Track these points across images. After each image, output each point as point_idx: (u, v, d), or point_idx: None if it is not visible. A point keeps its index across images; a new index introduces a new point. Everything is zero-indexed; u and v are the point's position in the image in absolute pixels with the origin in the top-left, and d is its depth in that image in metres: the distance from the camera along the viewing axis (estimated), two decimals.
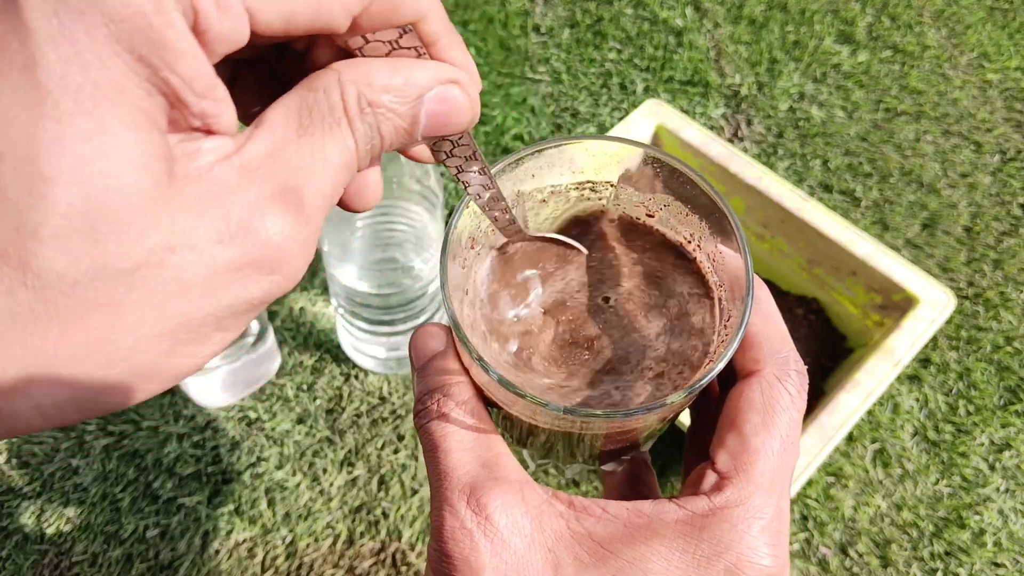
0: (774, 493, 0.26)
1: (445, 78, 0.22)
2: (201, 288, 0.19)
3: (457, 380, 0.28)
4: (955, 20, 0.99)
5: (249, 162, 0.19)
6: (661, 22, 0.95)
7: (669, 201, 0.31)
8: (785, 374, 0.28)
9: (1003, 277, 0.78)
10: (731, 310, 0.29)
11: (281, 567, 0.60)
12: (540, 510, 0.26)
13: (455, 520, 0.25)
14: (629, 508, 0.26)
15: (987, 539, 0.64)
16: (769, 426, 0.27)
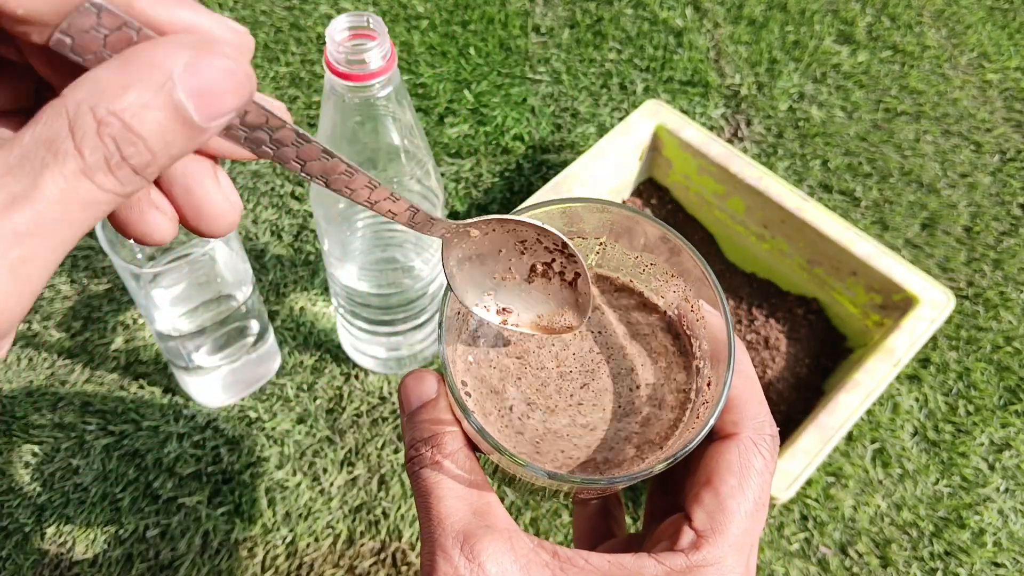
0: (744, 553, 0.28)
1: (189, 44, 0.18)
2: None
3: (449, 429, 0.29)
4: (955, 20, 0.99)
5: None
6: (661, 22, 0.95)
7: (655, 261, 0.31)
8: (761, 439, 0.29)
9: (1003, 277, 0.78)
10: (711, 374, 0.29)
11: (281, 567, 0.60)
12: (528, 559, 0.27)
13: (449, 566, 0.26)
14: (611, 561, 0.28)
15: (987, 539, 0.64)
16: (744, 489, 0.28)
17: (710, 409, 0.28)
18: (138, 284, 0.53)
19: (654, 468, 0.27)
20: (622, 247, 0.32)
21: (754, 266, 0.75)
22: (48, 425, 0.65)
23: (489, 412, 0.30)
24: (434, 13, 0.94)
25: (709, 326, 0.30)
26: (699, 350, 0.31)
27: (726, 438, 0.30)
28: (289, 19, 0.92)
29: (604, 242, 0.32)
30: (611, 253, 0.32)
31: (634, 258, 0.32)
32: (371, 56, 0.43)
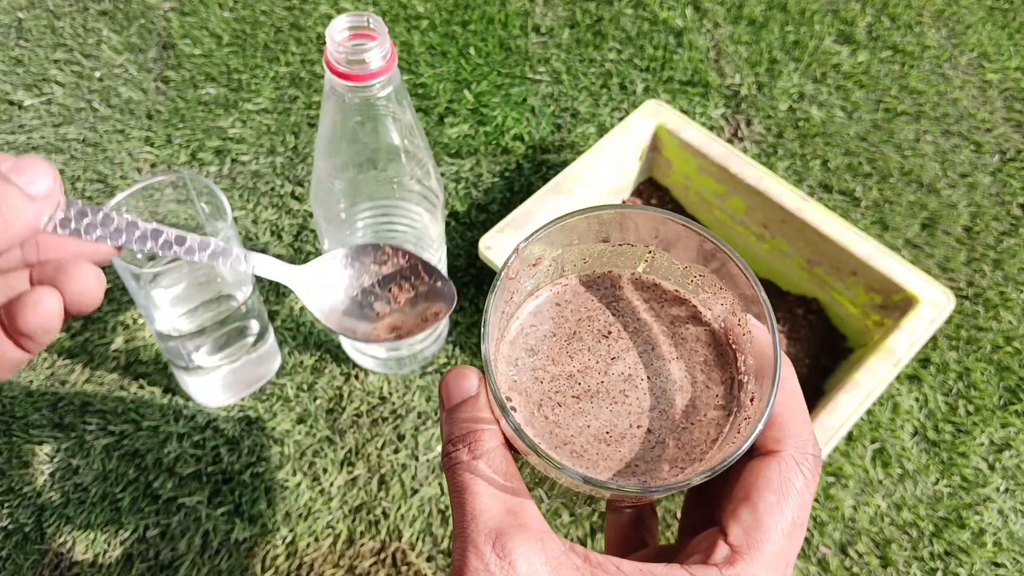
0: (779, 572, 0.28)
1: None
2: None
3: (487, 427, 0.29)
4: (955, 20, 0.99)
5: None
6: (661, 22, 0.95)
7: (704, 273, 0.31)
8: (804, 458, 0.29)
9: (1003, 277, 0.78)
10: (755, 390, 0.29)
11: (281, 567, 0.60)
12: (559, 561, 0.27)
13: (480, 563, 0.26)
14: (643, 570, 0.27)
15: (987, 539, 0.64)
16: (783, 507, 0.28)
17: (752, 424, 0.27)
18: (138, 284, 0.53)
19: (692, 480, 0.27)
20: (671, 256, 0.32)
21: (754, 266, 0.75)
22: (48, 425, 0.65)
23: (529, 414, 0.30)
24: (434, 13, 0.94)
25: (756, 341, 0.29)
26: (744, 364, 0.30)
27: (767, 455, 0.29)
28: (289, 19, 0.92)
29: (653, 251, 0.32)
30: (660, 262, 0.32)
31: (683, 268, 0.32)
32: (371, 56, 0.43)
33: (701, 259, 0.31)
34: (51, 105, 0.84)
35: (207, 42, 0.90)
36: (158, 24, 0.91)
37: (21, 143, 0.81)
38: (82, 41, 0.89)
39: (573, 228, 0.30)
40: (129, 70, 0.87)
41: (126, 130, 0.82)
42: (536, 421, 0.30)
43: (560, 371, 0.31)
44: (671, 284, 0.33)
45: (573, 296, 0.32)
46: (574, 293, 0.33)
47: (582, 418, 0.30)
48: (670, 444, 0.30)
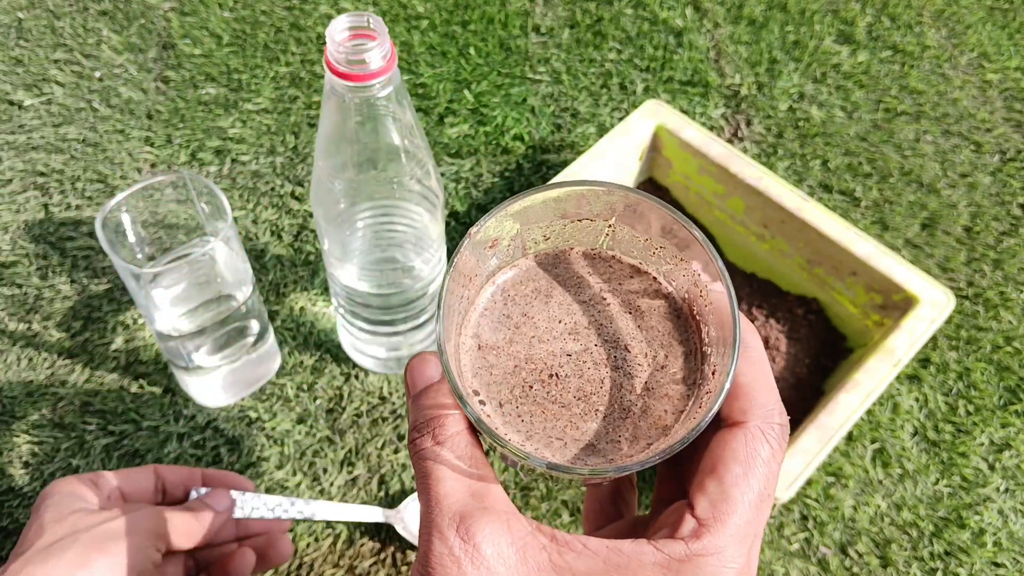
0: (746, 543, 0.27)
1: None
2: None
3: (451, 412, 0.29)
4: (955, 20, 0.99)
5: None
6: (661, 22, 0.95)
7: (665, 244, 0.31)
8: (769, 427, 0.29)
9: (1003, 277, 0.78)
10: (717, 361, 0.29)
11: (281, 567, 0.60)
12: (525, 542, 0.27)
13: (444, 546, 0.26)
14: (609, 546, 0.27)
15: (987, 539, 0.64)
16: (749, 478, 0.28)
17: (714, 396, 0.27)
18: (138, 284, 0.53)
19: (654, 457, 0.27)
20: (631, 230, 0.32)
21: (754, 266, 0.75)
22: (48, 425, 0.65)
23: (489, 400, 0.30)
24: (434, 13, 0.94)
25: (717, 312, 0.29)
26: (707, 336, 0.30)
27: (733, 426, 0.29)
28: (289, 19, 0.92)
29: (613, 225, 0.32)
30: (620, 235, 0.32)
31: (644, 241, 0.32)
32: (371, 56, 0.42)
33: (661, 231, 0.31)
34: (51, 105, 0.84)
35: (207, 42, 0.90)
36: (158, 24, 0.91)
37: (21, 143, 0.81)
38: (82, 41, 0.89)
39: (530, 207, 0.30)
40: (129, 70, 0.87)
41: (126, 130, 0.82)
42: (497, 408, 0.30)
43: (521, 353, 0.30)
44: (632, 259, 0.33)
45: (534, 275, 0.32)
46: (535, 272, 0.32)
47: (544, 401, 0.30)
48: (634, 422, 0.29)
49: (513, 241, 0.32)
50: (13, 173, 0.79)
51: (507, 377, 0.30)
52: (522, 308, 0.31)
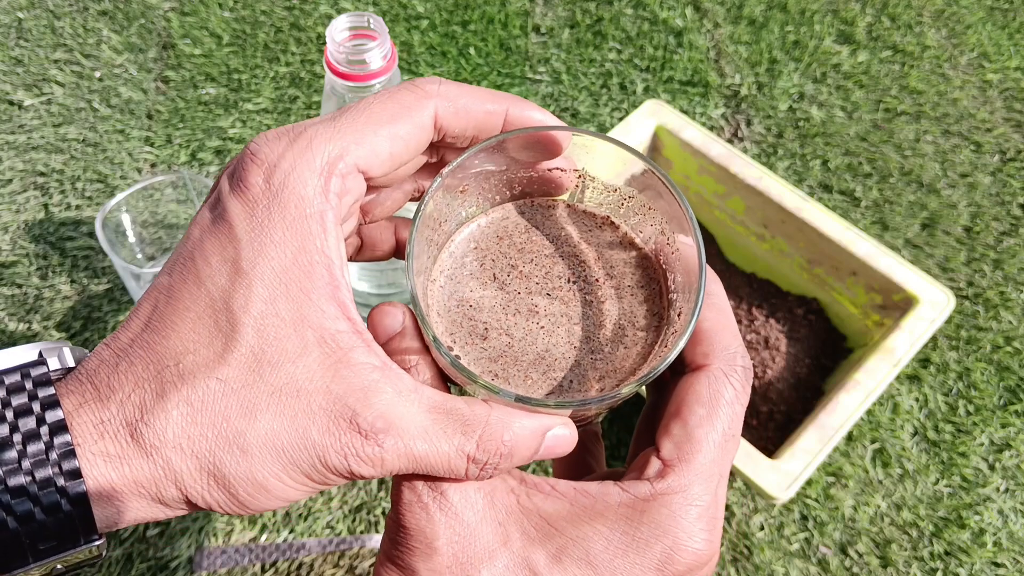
0: (712, 482, 0.28)
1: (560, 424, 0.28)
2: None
3: (416, 362, 0.29)
4: (955, 20, 0.99)
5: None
6: (661, 22, 0.95)
7: (633, 194, 0.32)
8: (732, 369, 0.29)
9: (1003, 277, 0.78)
10: (683, 304, 0.29)
11: (281, 567, 0.60)
12: (492, 486, 0.28)
13: (413, 494, 0.27)
14: (576, 488, 0.28)
15: (987, 539, 0.64)
16: (713, 419, 0.28)
17: (678, 336, 0.28)
18: (138, 284, 0.53)
19: (620, 391, 0.27)
20: (601, 180, 0.32)
21: (754, 266, 0.75)
22: None
23: (462, 342, 0.30)
24: (434, 13, 0.94)
25: (683, 258, 0.30)
26: (674, 283, 0.31)
27: (697, 370, 0.30)
28: (289, 19, 0.92)
29: (583, 175, 0.32)
30: (590, 186, 0.33)
31: (613, 191, 0.32)
32: (371, 56, 0.43)
33: (630, 180, 0.31)
34: (51, 105, 0.84)
35: (207, 42, 0.90)
36: (158, 24, 0.91)
37: (21, 143, 0.81)
38: (82, 41, 0.89)
39: (500, 150, 0.30)
40: (129, 70, 0.87)
41: (126, 130, 0.82)
42: (469, 350, 0.30)
43: (491, 298, 0.31)
44: (602, 210, 0.33)
45: (503, 224, 0.33)
46: (503, 222, 0.33)
47: (515, 343, 0.30)
48: (601, 363, 0.30)
49: (483, 190, 0.32)
50: (13, 173, 0.79)
51: (476, 320, 0.30)
52: (491, 255, 0.32)
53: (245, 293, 0.25)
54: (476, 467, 0.26)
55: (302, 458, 0.24)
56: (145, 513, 0.25)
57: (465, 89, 0.29)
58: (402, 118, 0.28)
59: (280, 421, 0.24)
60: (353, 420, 0.24)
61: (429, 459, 0.26)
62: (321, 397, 0.24)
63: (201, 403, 0.24)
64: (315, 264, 0.25)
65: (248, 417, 0.24)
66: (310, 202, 0.25)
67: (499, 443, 0.26)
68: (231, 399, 0.24)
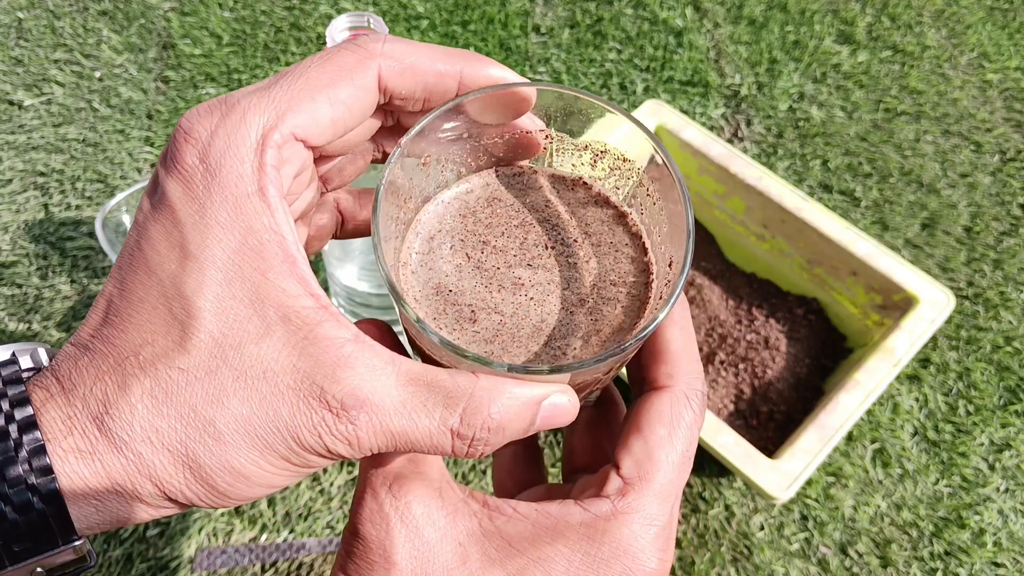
0: (669, 502, 0.28)
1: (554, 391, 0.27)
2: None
3: None
4: (955, 20, 0.99)
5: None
6: (661, 22, 0.95)
7: (606, 147, 0.31)
8: (693, 392, 0.30)
9: (1003, 277, 0.78)
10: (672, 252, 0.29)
11: (281, 567, 0.60)
12: (456, 507, 0.28)
13: (375, 503, 0.27)
14: (538, 509, 0.28)
15: (987, 539, 0.64)
16: (673, 439, 0.29)
17: (672, 285, 0.27)
18: None
19: (626, 344, 0.26)
20: (571, 140, 0.31)
21: (754, 266, 0.75)
22: None
23: (447, 328, 0.29)
24: (434, 13, 0.94)
25: (667, 204, 0.29)
26: (659, 234, 0.30)
27: (659, 390, 0.30)
28: (289, 19, 0.92)
29: (552, 136, 0.31)
30: (561, 147, 0.32)
31: (583, 149, 0.32)
32: None
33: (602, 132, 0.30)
34: (51, 105, 0.84)
35: (207, 42, 0.90)
36: (158, 24, 0.91)
37: (21, 143, 0.81)
38: (82, 41, 0.89)
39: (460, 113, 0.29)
40: (129, 70, 0.87)
41: (126, 130, 0.82)
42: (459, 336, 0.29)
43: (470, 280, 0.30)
44: (573, 171, 0.32)
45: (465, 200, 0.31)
46: (466, 196, 0.32)
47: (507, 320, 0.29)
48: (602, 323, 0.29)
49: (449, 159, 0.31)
50: (13, 173, 0.79)
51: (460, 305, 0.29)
52: (459, 235, 0.31)
53: (197, 278, 0.24)
54: (463, 443, 0.25)
55: (276, 441, 0.23)
56: (127, 512, 0.24)
57: (414, 47, 0.27)
58: (342, 81, 0.26)
59: (249, 405, 0.23)
60: (322, 398, 0.23)
61: (409, 435, 0.24)
62: (288, 376, 0.23)
63: (165, 395, 0.23)
64: (266, 243, 0.24)
65: (216, 404, 0.23)
66: (250, 180, 0.24)
67: (486, 416, 0.25)
68: (195, 388, 0.23)
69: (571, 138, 0.31)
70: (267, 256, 0.24)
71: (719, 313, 0.71)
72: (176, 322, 0.24)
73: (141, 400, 0.23)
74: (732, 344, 0.70)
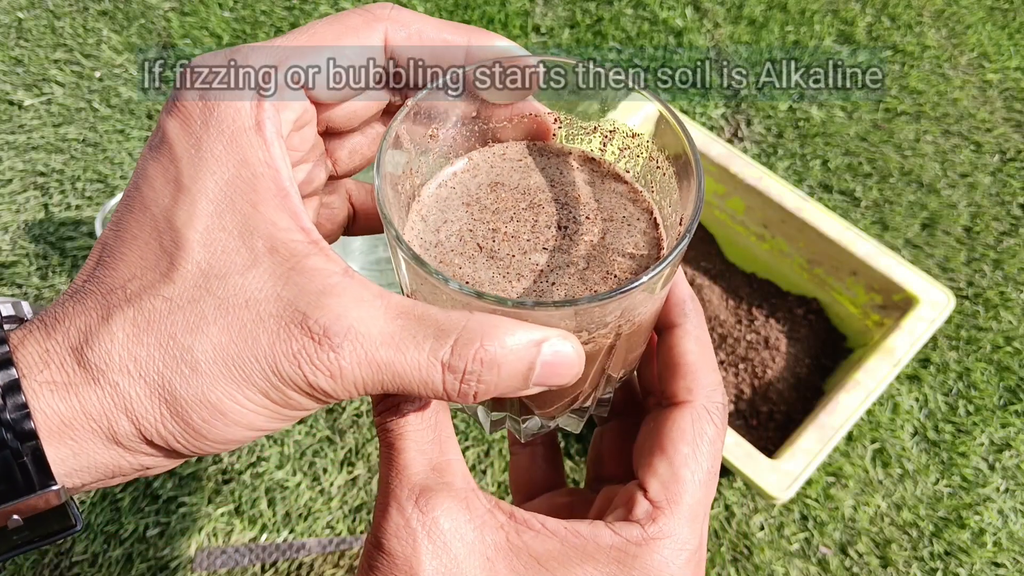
0: (698, 524, 0.28)
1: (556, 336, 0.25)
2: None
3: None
4: (955, 20, 0.99)
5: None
6: (661, 22, 0.95)
7: (615, 124, 0.31)
8: (714, 406, 0.29)
9: (1003, 277, 0.78)
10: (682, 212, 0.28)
11: (281, 567, 0.60)
12: (483, 520, 0.27)
13: (401, 518, 0.26)
14: (567, 527, 0.27)
15: (987, 539, 0.64)
16: (698, 457, 0.28)
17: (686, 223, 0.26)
18: None
19: (651, 273, 0.24)
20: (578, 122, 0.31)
21: (754, 266, 0.75)
22: None
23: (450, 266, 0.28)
24: (434, 13, 0.94)
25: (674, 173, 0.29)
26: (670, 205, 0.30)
27: (679, 405, 0.29)
28: (289, 19, 0.92)
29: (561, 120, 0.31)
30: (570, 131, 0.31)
31: (591, 130, 0.31)
32: None
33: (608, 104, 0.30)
34: (51, 105, 0.84)
35: (207, 42, 0.90)
36: (158, 24, 0.91)
37: (21, 143, 0.81)
38: (82, 41, 0.89)
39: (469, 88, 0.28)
40: (129, 70, 0.87)
41: (126, 130, 0.82)
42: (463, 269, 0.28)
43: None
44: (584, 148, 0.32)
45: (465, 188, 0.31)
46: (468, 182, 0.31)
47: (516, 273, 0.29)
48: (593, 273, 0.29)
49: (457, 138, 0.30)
50: (13, 173, 0.79)
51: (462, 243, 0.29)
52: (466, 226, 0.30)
53: (188, 210, 0.23)
54: (454, 378, 0.23)
55: (254, 371, 0.22)
56: (105, 458, 0.23)
57: (421, 16, 0.27)
58: (347, 38, 0.26)
59: (228, 333, 0.22)
60: (304, 324, 0.22)
61: (396, 367, 0.23)
62: (271, 304, 0.23)
63: (147, 322, 0.23)
64: (259, 176, 0.24)
65: (195, 332, 0.22)
66: (247, 115, 0.24)
67: (479, 347, 0.23)
68: (177, 316, 0.23)
69: (580, 121, 0.31)
70: (259, 189, 0.24)
71: (719, 313, 0.71)
72: (165, 254, 0.23)
73: (122, 328, 0.23)
74: (732, 344, 0.70)
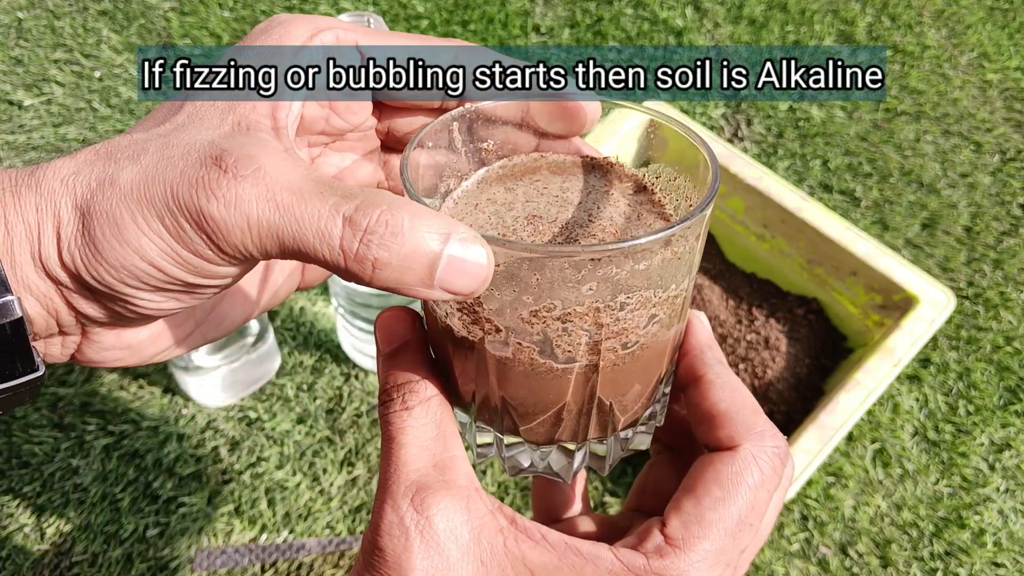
0: (715, 572, 0.26)
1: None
2: None
3: (424, 375, 0.27)
4: (955, 20, 0.99)
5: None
6: (661, 22, 0.95)
7: (660, 170, 0.31)
8: (761, 451, 0.27)
9: (1003, 277, 0.78)
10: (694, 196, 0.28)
11: (281, 567, 0.60)
12: (482, 522, 0.26)
13: (395, 515, 0.25)
14: (567, 543, 0.26)
15: (987, 539, 0.64)
16: (729, 503, 0.26)
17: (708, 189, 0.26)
18: None
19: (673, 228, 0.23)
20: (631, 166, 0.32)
21: (754, 266, 0.75)
22: (48, 425, 0.65)
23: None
24: (434, 13, 0.94)
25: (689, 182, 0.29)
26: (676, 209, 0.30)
27: (726, 450, 0.27)
28: None
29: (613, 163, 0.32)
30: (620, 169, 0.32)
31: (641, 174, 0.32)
32: None
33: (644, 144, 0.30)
34: (51, 105, 0.84)
35: (207, 42, 0.90)
36: (158, 24, 0.91)
37: (21, 143, 0.81)
38: (82, 41, 0.89)
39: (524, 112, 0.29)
40: (129, 70, 0.87)
41: (126, 130, 0.82)
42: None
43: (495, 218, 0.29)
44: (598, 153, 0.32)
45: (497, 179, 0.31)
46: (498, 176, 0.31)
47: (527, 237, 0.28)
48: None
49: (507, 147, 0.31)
50: None
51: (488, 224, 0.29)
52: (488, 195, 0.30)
53: (196, 96, 0.26)
54: (354, 235, 0.22)
55: (157, 192, 0.23)
56: (34, 280, 0.23)
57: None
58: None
59: (155, 159, 0.24)
60: (219, 157, 0.23)
61: (295, 211, 0.22)
62: (204, 146, 0.24)
63: (106, 152, 0.24)
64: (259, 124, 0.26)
65: (132, 159, 0.24)
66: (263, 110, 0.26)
67: (386, 210, 0.22)
68: (128, 148, 0.24)
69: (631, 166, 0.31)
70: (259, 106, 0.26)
71: (719, 313, 0.71)
72: (162, 120, 0.26)
73: (83, 154, 0.24)
74: (732, 344, 0.70)
